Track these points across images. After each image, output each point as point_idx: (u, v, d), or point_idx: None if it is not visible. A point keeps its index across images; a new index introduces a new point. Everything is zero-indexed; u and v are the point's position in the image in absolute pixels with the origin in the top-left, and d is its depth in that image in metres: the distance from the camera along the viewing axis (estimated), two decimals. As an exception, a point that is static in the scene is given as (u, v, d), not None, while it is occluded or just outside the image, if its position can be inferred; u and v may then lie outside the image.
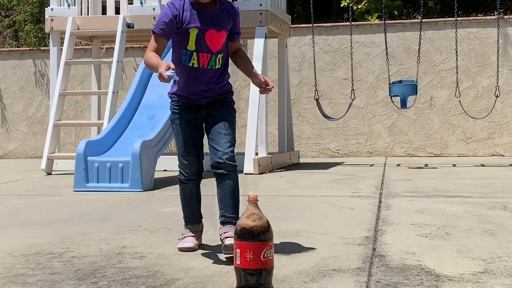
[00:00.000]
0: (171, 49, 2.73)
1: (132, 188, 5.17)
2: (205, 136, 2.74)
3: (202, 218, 2.84)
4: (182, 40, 2.57)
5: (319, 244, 2.82)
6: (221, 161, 2.56)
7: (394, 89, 7.18)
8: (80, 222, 3.59)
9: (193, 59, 2.57)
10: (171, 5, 2.58)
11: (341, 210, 3.88)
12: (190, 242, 2.72)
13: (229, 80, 2.71)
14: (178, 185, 2.85)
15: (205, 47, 2.57)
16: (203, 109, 2.66)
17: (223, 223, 2.60)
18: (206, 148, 2.74)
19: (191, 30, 2.55)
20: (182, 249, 2.70)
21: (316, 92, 7.54)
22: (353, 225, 3.29)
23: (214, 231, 3.00)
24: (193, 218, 2.80)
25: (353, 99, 7.52)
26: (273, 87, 2.67)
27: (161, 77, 2.39)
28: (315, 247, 2.74)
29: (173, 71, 2.37)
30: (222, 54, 2.62)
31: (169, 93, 2.70)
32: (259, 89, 2.67)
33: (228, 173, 2.57)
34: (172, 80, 2.50)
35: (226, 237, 2.51)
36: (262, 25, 7.02)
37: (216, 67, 2.61)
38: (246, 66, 2.73)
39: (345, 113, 7.69)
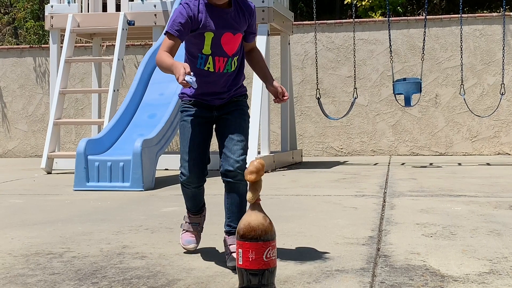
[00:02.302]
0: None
1: (133, 187, 5.15)
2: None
3: (205, 205, 2.79)
4: (197, 43, 2.47)
5: (322, 244, 2.79)
6: (232, 169, 2.45)
7: (398, 87, 7.14)
8: (80, 221, 3.56)
9: (209, 63, 2.48)
10: (185, 5, 2.47)
11: (345, 210, 3.85)
12: (193, 242, 2.69)
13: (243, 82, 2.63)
14: (179, 184, 2.78)
15: (221, 51, 2.48)
16: (216, 110, 2.56)
17: (228, 233, 2.52)
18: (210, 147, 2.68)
19: (206, 34, 2.45)
20: (185, 250, 2.69)
21: (318, 91, 7.50)
22: (357, 225, 3.26)
23: (216, 231, 2.97)
24: (196, 209, 2.74)
25: (355, 98, 7.48)
26: (288, 97, 2.56)
27: (181, 84, 2.28)
28: (318, 247, 2.72)
29: (192, 77, 2.24)
30: (237, 56, 2.53)
31: (180, 93, 2.61)
32: (273, 98, 2.57)
33: (238, 182, 2.46)
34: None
35: (232, 252, 2.42)
36: (265, 22, 6.98)
37: (232, 70, 2.53)
38: (261, 69, 2.63)
39: (348, 112, 7.64)
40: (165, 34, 2.49)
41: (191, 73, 2.26)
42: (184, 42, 2.52)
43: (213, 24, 2.45)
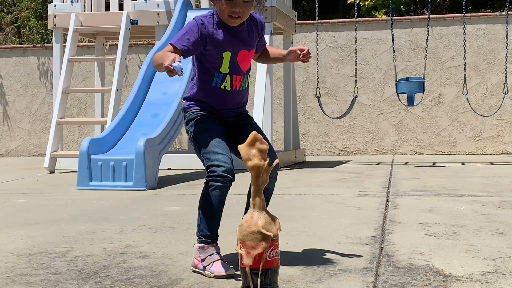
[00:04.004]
0: (191, 68, 2.53)
1: (136, 186, 5.15)
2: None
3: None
4: (215, 62, 2.41)
5: (325, 243, 2.79)
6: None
7: (400, 86, 7.13)
8: (83, 221, 3.56)
9: (226, 82, 2.42)
10: (199, 21, 2.37)
11: (348, 209, 3.85)
12: (229, 267, 2.27)
13: None
14: (182, 183, 2.75)
15: (238, 69, 2.43)
16: (232, 118, 2.50)
17: None
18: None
19: (224, 54, 2.39)
20: (223, 277, 2.25)
21: (318, 89, 7.49)
22: (360, 225, 3.25)
23: (219, 231, 2.96)
24: (215, 231, 2.38)
25: (355, 96, 7.46)
26: (308, 49, 2.50)
27: (167, 70, 2.18)
28: (321, 247, 2.71)
29: (180, 65, 2.17)
30: (250, 72, 2.52)
31: (186, 105, 2.47)
32: (301, 60, 2.51)
33: (272, 178, 2.41)
34: (189, 91, 2.42)
35: None
36: (268, 21, 6.97)
37: (246, 86, 2.50)
38: (274, 55, 2.60)
39: (348, 110, 7.61)
40: (170, 45, 2.37)
41: (181, 63, 2.19)
42: (197, 61, 2.43)
43: (230, 43, 2.40)
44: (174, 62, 2.16)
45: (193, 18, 2.45)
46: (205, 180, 2.36)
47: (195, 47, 2.35)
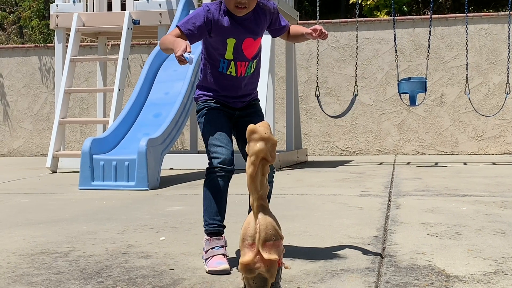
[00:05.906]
0: (200, 51, 2.59)
1: (138, 186, 5.15)
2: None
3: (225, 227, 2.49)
4: (219, 49, 2.47)
5: (327, 243, 2.79)
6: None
7: (402, 86, 7.13)
8: (85, 221, 3.57)
9: (231, 68, 2.48)
10: (205, 8, 2.44)
11: (350, 209, 3.85)
12: (224, 262, 2.32)
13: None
14: (185, 183, 2.76)
15: (242, 56, 2.49)
16: (238, 110, 2.55)
17: None
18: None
19: (228, 40, 2.45)
20: (216, 273, 2.29)
21: (318, 88, 7.48)
22: (362, 225, 3.25)
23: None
24: (218, 221, 2.43)
25: (355, 95, 7.45)
26: (320, 28, 2.54)
27: (178, 60, 2.24)
28: (323, 247, 2.72)
29: (191, 55, 2.23)
30: (256, 59, 2.55)
31: (196, 94, 2.56)
32: (320, 39, 2.56)
33: (270, 183, 2.39)
34: (199, 80, 2.45)
35: None
36: (270, 21, 6.96)
37: (251, 72, 2.55)
38: (297, 33, 2.63)
39: (347, 110, 7.59)
40: (176, 27, 2.46)
41: (192, 54, 2.25)
42: (204, 47, 2.50)
43: (235, 31, 2.44)
44: (185, 51, 2.23)
45: (202, 5, 2.52)
46: (206, 172, 2.46)
47: (200, 31, 2.42)
